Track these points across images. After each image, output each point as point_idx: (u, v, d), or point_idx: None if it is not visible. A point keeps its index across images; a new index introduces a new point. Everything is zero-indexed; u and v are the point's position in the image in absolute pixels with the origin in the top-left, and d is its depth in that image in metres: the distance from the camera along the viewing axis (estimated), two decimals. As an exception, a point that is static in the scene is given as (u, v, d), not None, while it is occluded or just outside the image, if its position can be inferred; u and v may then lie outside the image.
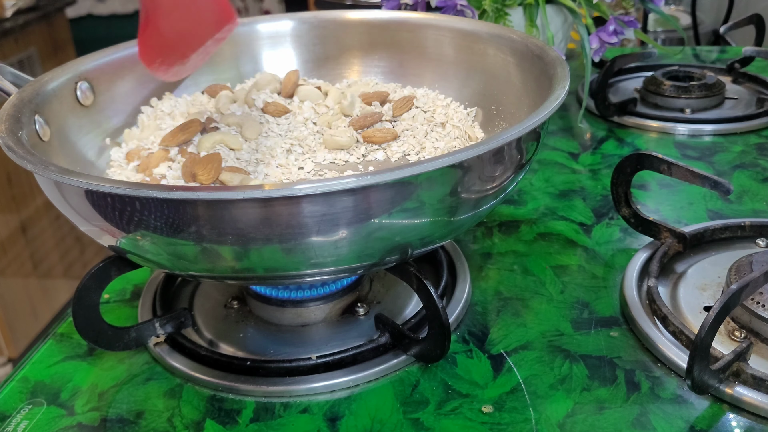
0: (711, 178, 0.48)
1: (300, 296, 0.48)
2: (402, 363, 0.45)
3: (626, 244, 0.57)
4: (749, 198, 0.62)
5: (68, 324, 0.51)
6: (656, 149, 0.65)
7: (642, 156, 0.52)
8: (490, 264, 0.55)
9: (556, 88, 0.44)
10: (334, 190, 0.35)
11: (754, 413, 0.40)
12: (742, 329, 0.44)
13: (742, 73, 0.90)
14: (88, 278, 0.42)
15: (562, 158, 0.72)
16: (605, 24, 0.76)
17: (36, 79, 0.51)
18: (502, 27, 0.57)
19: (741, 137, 0.75)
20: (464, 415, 0.41)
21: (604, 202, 0.63)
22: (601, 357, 0.45)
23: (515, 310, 0.49)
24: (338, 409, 0.42)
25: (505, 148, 0.40)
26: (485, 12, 0.74)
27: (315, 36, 0.65)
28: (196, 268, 0.40)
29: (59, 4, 2.05)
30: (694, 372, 0.39)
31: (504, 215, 0.62)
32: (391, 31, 0.63)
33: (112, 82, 0.56)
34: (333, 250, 0.37)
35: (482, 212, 0.43)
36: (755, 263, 0.46)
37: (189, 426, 0.41)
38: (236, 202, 0.35)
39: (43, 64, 1.96)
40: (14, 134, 0.42)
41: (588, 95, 0.79)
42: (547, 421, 0.40)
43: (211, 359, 0.45)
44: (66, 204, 0.40)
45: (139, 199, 0.35)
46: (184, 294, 0.53)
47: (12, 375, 0.47)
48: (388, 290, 0.52)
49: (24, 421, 0.42)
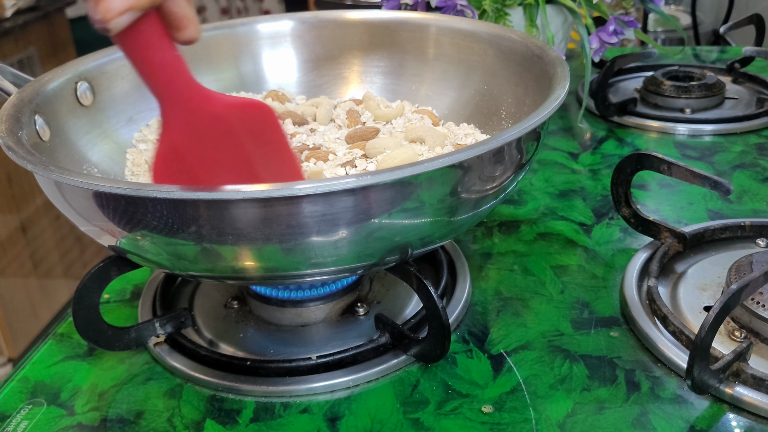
0: (711, 178, 0.48)
1: (300, 296, 0.48)
2: (402, 363, 0.45)
3: (626, 244, 0.57)
4: (749, 198, 0.62)
5: (68, 324, 0.51)
6: (656, 149, 0.65)
7: (642, 156, 0.52)
8: (490, 264, 0.55)
9: (556, 88, 0.44)
10: (334, 190, 0.35)
11: (754, 413, 0.40)
12: (742, 329, 0.44)
13: (742, 73, 0.90)
14: (88, 278, 0.42)
15: (562, 158, 0.72)
16: (605, 24, 0.76)
17: (36, 79, 0.51)
18: (502, 27, 0.57)
19: (741, 137, 0.75)
20: (464, 415, 0.41)
21: (604, 202, 0.63)
22: (601, 357, 0.45)
23: (515, 310, 0.49)
24: (338, 409, 0.42)
25: (505, 148, 0.39)
26: (485, 12, 0.74)
27: (315, 36, 0.65)
28: (196, 268, 0.40)
29: (59, 4, 2.05)
30: (694, 372, 0.39)
31: (504, 215, 0.62)
32: (391, 31, 0.63)
33: (112, 82, 0.56)
34: (333, 250, 0.37)
35: (482, 212, 0.43)
36: (755, 263, 0.46)
37: (189, 426, 0.41)
38: (236, 202, 0.35)
39: (43, 64, 1.96)
40: (14, 134, 0.42)
41: (588, 95, 0.79)
42: (547, 421, 0.40)
43: (211, 359, 0.45)
44: (66, 204, 0.40)
45: (140, 199, 0.35)
46: (184, 294, 0.53)
47: (12, 375, 0.47)
48: (388, 290, 0.52)
49: (24, 421, 0.42)
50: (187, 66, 0.39)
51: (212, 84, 0.62)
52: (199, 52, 0.62)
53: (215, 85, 0.63)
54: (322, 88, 0.65)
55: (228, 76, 0.63)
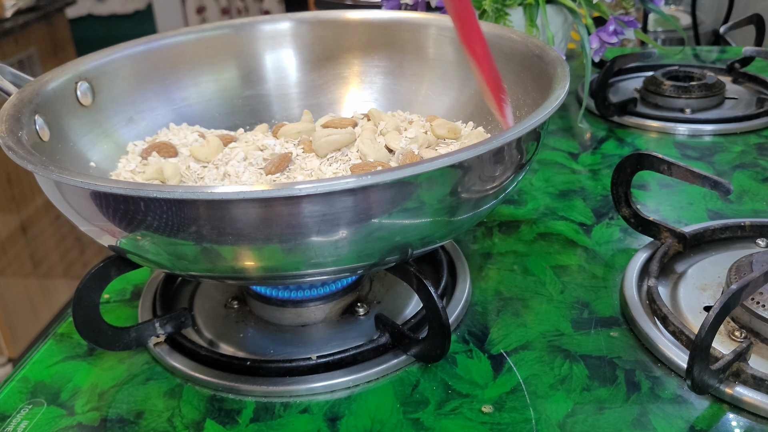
0: (711, 178, 0.48)
1: (300, 296, 0.48)
2: (402, 363, 0.45)
3: (626, 244, 0.57)
4: (749, 198, 0.62)
5: (68, 324, 0.51)
6: (656, 149, 0.65)
7: (642, 156, 0.52)
8: (490, 264, 0.55)
9: (556, 88, 0.44)
10: (334, 190, 0.35)
11: (754, 413, 0.40)
12: (742, 329, 0.44)
13: (742, 73, 0.90)
14: (88, 278, 0.42)
15: (562, 158, 0.72)
16: (605, 24, 0.76)
17: (36, 79, 0.51)
18: (502, 27, 0.57)
19: (741, 137, 0.75)
20: (464, 415, 0.41)
21: (604, 202, 0.63)
22: (601, 357, 0.45)
23: (515, 310, 0.49)
24: (338, 409, 0.42)
25: (505, 148, 0.40)
26: (485, 12, 0.75)
27: (315, 36, 0.65)
28: (196, 268, 0.40)
29: (59, 4, 2.05)
30: (694, 372, 0.39)
31: (504, 215, 0.62)
32: (391, 31, 0.63)
33: (112, 82, 0.56)
34: (333, 250, 0.37)
35: (482, 212, 0.43)
36: (755, 263, 0.46)
37: (189, 426, 0.41)
38: (236, 202, 0.35)
39: (43, 64, 1.96)
40: (14, 134, 0.42)
41: (588, 95, 0.79)
42: (547, 421, 0.40)
43: (211, 359, 0.45)
44: (66, 204, 0.40)
45: (140, 199, 0.35)
46: (184, 294, 0.53)
47: (12, 375, 0.47)
48: (388, 290, 0.52)
49: (24, 421, 0.42)
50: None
51: (212, 84, 0.63)
52: (199, 52, 0.62)
53: (215, 85, 0.63)
54: (321, 88, 0.65)
55: (228, 76, 0.63)
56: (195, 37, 0.62)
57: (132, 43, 0.59)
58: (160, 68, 0.60)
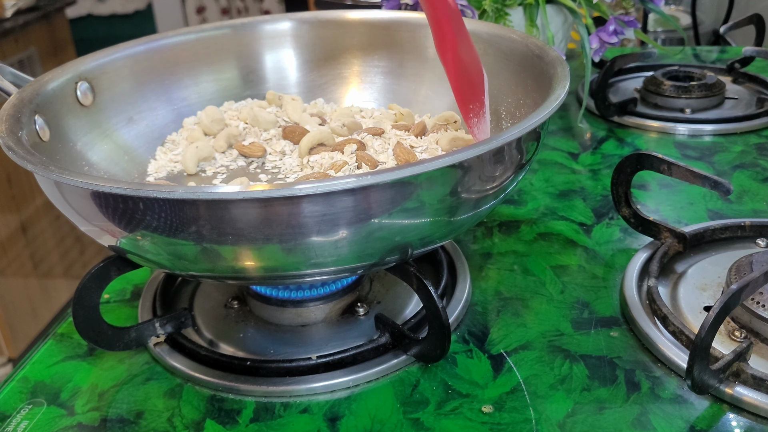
0: (711, 178, 0.48)
1: (300, 296, 0.48)
2: (402, 363, 0.45)
3: (626, 244, 0.57)
4: (749, 198, 0.62)
5: (68, 324, 0.51)
6: (656, 149, 0.65)
7: (642, 156, 0.52)
8: (490, 264, 0.55)
9: (556, 88, 0.44)
10: (334, 190, 0.35)
11: (754, 413, 0.40)
12: (742, 329, 0.44)
13: (742, 73, 0.90)
14: (88, 278, 0.42)
15: (562, 158, 0.72)
16: (605, 24, 0.76)
17: (36, 79, 0.51)
18: (502, 27, 0.57)
19: (741, 137, 0.75)
20: (464, 415, 0.41)
21: (604, 202, 0.63)
22: (601, 357, 0.45)
23: (515, 310, 0.49)
24: (338, 409, 0.42)
25: (505, 148, 0.40)
26: (485, 12, 0.75)
27: (315, 36, 0.65)
28: (196, 268, 0.40)
29: (59, 4, 2.05)
30: (694, 372, 0.39)
31: (504, 215, 0.62)
32: (391, 31, 0.63)
33: (112, 82, 0.56)
34: (333, 250, 0.37)
35: (482, 212, 0.43)
36: (755, 263, 0.46)
37: (189, 426, 0.41)
38: (236, 202, 0.35)
39: (43, 64, 1.96)
40: (14, 134, 0.42)
41: (588, 95, 0.79)
42: (547, 421, 0.40)
43: (211, 359, 0.45)
44: (66, 204, 0.40)
45: (140, 199, 0.35)
46: (184, 294, 0.53)
47: (12, 375, 0.47)
48: (388, 290, 0.52)
49: (24, 421, 0.42)
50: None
51: (212, 84, 0.63)
52: (199, 52, 0.62)
53: (215, 85, 0.63)
54: (321, 88, 0.65)
55: (228, 76, 0.63)
56: (195, 37, 0.62)
57: (132, 43, 0.59)
58: (160, 68, 0.60)
